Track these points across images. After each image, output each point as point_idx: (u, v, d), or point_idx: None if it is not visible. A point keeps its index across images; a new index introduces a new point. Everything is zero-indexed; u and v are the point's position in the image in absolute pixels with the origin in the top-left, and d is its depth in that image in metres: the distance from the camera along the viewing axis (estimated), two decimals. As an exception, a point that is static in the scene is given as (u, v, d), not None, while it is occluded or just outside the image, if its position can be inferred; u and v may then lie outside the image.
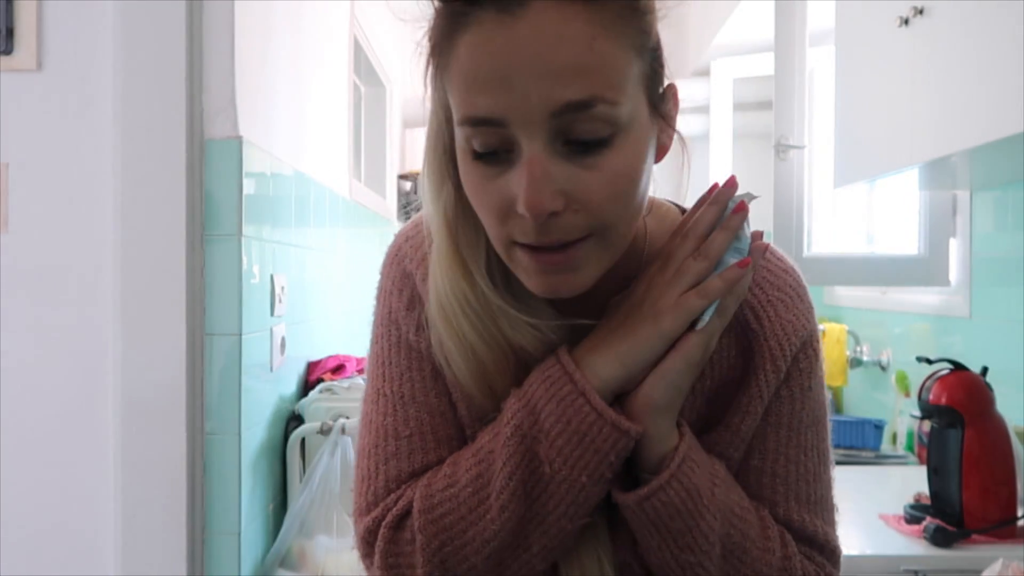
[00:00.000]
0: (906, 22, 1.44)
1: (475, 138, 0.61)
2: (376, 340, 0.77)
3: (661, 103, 0.66)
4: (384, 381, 0.74)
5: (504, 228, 0.63)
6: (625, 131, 0.61)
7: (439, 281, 0.69)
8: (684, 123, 0.75)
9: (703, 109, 3.58)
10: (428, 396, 0.73)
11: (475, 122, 0.60)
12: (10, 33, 1.64)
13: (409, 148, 4.69)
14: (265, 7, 1.93)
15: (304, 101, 2.33)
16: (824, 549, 0.74)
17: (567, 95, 0.57)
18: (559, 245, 0.62)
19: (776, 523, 0.72)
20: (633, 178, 0.62)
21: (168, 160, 1.64)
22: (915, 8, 1.41)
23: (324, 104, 2.59)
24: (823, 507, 0.74)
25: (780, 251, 0.78)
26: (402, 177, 4.36)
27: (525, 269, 0.64)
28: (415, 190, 4.32)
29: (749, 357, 0.72)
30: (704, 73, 3.55)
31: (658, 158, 0.68)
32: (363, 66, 3.46)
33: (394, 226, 4.11)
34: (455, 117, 0.63)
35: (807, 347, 0.73)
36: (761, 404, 0.72)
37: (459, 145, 0.64)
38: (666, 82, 0.67)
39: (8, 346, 1.68)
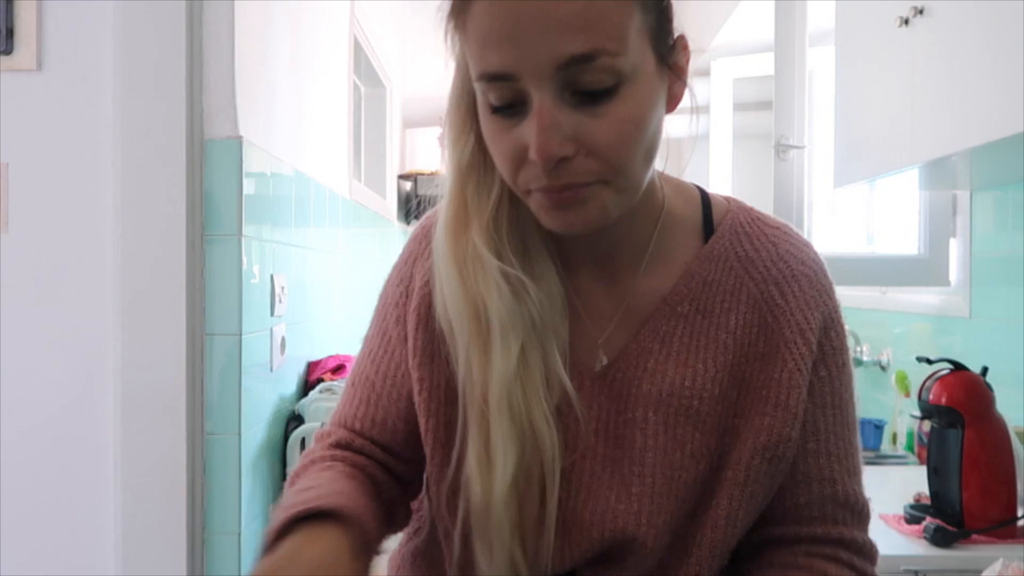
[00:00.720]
0: (906, 22, 1.44)
1: (491, 93, 0.65)
2: (380, 296, 0.84)
3: (670, 55, 0.69)
4: (372, 334, 0.83)
5: (519, 177, 0.67)
6: (630, 81, 0.64)
7: (440, 227, 0.74)
8: (684, 123, 0.77)
9: (703, 109, 3.57)
10: (381, 363, 0.80)
11: (489, 78, 0.64)
12: (10, 33, 1.64)
13: (409, 148, 4.69)
14: (265, 7, 1.93)
15: (304, 101, 2.33)
16: (864, 515, 0.78)
17: (571, 49, 0.61)
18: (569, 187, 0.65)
19: (829, 523, 0.76)
20: (640, 125, 0.65)
21: (168, 160, 1.64)
22: (915, 8, 1.41)
23: (324, 104, 2.59)
24: (860, 477, 0.79)
25: (793, 227, 0.81)
26: (402, 177, 4.36)
27: (541, 207, 0.67)
28: (415, 190, 4.32)
29: (772, 331, 0.74)
30: (704, 73, 3.55)
31: (670, 108, 0.71)
32: (363, 66, 3.46)
33: (394, 226, 4.11)
34: (472, 75, 0.66)
35: (835, 322, 0.76)
36: (802, 377, 0.73)
37: (479, 100, 0.68)
38: (676, 34, 0.70)
39: (8, 346, 1.67)
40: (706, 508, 0.73)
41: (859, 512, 0.77)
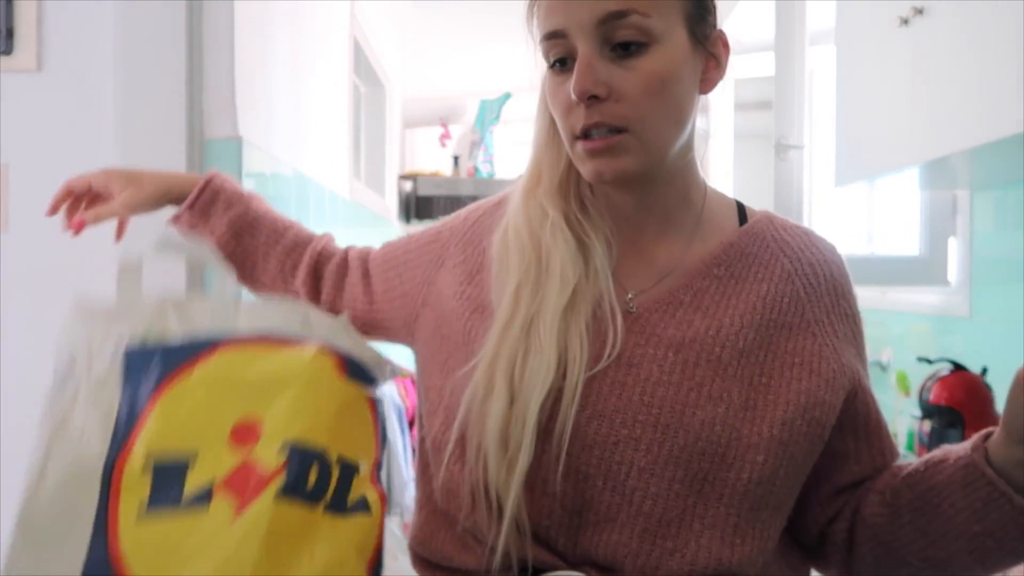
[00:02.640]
0: (906, 22, 1.44)
1: (550, 51, 0.79)
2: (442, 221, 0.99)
3: (707, 42, 0.81)
4: (424, 230, 1.00)
5: (567, 122, 0.79)
6: (659, 44, 0.76)
7: (517, 187, 0.87)
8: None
9: (703, 108, 3.57)
10: (419, 244, 0.99)
11: (548, 36, 0.78)
12: (10, 33, 1.64)
13: (409, 148, 4.69)
14: (265, 7, 1.93)
15: (304, 101, 2.33)
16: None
17: (607, 6, 0.75)
18: (605, 131, 0.76)
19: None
20: (664, 82, 0.77)
21: (168, 160, 1.64)
22: (915, 8, 1.41)
23: (324, 104, 2.59)
24: None
25: None
26: (402, 177, 4.36)
27: (580, 157, 0.79)
28: (415, 190, 4.32)
29: (804, 307, 0.81)
30: (704, 73, 3.54)
31: (704, 89, 0.83)
32: (363, 66, 3.46)
33: (394, 226, 4.11)
34: (539, 40, 0.80)
35: (855, 307, 0.87)
36: (830, 351, 0.80)
37: (545, 65, 0.82)
38: (717, 28, 0.82)
39: (8, 346, 1.67)
40: (738, 456, 0.75)
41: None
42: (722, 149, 3.48)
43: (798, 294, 0.81)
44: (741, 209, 0.89)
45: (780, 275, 0.82)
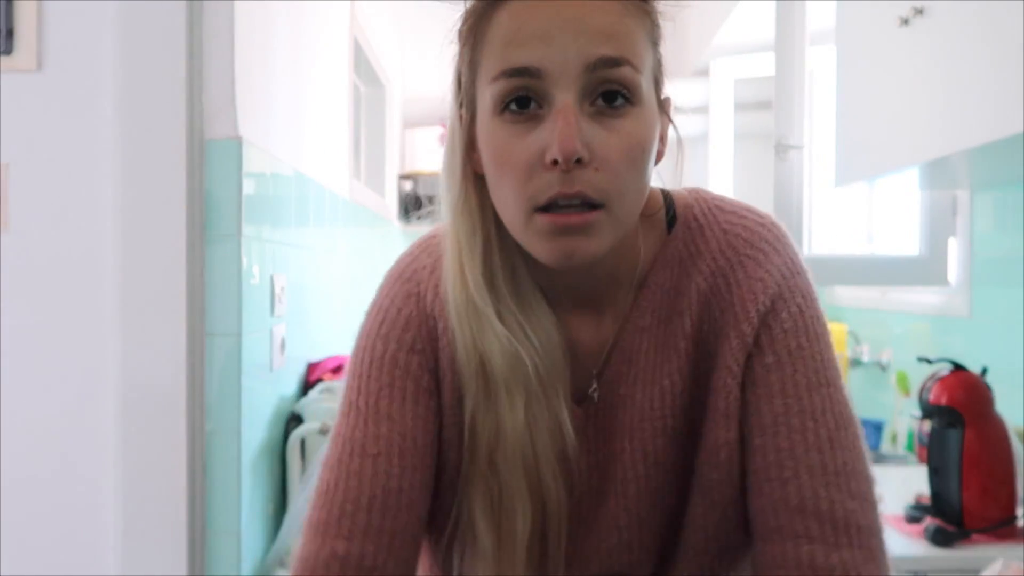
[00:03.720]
0: (906, 22, 1.44)
1: (510, 90, 0.64)
2: (357, 353, 0.75)
3: (663, 108, 0.71)
4: (359, 394, 0.72)
5: (527, 188, 0.64)
6: (641, 105, 0.65)
7: (445, 277, 0.72)
8: (684, 123, 0.78)
9: (703, 109, 3.58)
10: (405, 416, 0.70)
11: (512, 73, 0.63)
12: (10, 33, 1.64)
13: (409, 148, 4.69)
14: (265, 7, 1.93)
15: (304, 101, 2.33)
16: (851, 526, 0.64)
17: (602, 51, 0.62)
18: (578, 204, 0.63)
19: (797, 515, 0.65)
20: (645, 149, 0.65)
21: (168, 160, 1.64)
22: (915, 8, 1.41)
23: (324, 104, 2.59)
24: (846, 477, 0.65)
25: (759, 208, 0.77)
26: (402, 177, 4.36)
27: (541, 234, 0.64)
28: (415, 190, 4.32)
29: (719, 325, 0.71)
30: (704, 73, 3.54)
31: (655, 161, 0.69)
32: (363, 66, 3.46)
33: (394, 226, 4.10)
34: (489, 78, 0.65)
35: (787, 303, 0.70)
36: (732, 377, 0.70)
37: (486, 110, 0.66)
38: (663, 95, 0.71)
39: (8, 345, 1.67)
40: (683, 512, 0.74)
41: (839, 522, 0.63)
42: (722, 149, 3.47)
43: (712, 314, 0.71)
44: (669, 207, 0.76)
45: (697, 300, 0.72)
